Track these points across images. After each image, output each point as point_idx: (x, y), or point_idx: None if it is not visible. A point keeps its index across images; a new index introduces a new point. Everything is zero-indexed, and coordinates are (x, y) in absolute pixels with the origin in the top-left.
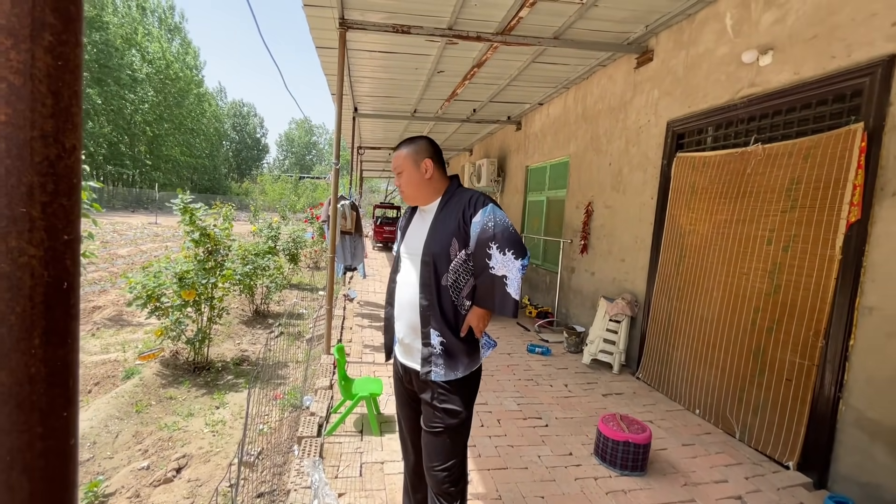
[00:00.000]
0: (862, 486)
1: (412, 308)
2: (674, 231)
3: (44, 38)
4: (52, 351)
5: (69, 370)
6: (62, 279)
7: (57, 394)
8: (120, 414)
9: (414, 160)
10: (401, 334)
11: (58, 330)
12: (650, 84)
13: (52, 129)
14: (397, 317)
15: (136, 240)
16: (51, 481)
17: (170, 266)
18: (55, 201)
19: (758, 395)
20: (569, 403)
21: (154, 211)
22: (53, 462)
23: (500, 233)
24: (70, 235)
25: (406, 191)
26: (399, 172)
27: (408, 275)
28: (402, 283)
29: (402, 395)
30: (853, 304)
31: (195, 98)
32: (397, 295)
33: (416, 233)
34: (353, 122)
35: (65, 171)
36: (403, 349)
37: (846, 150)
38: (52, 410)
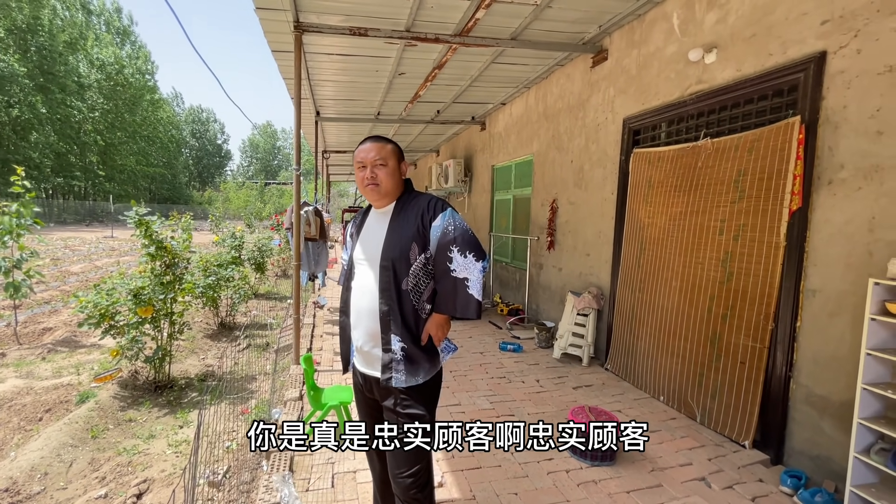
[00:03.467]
0: (814, 459)
1: (371, 315)
2: (634, 224)
3: None
4: None
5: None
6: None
7: None
8: (74, 441)
9: (398, 157)
10: (359, 342)
11: None
12: (606, 82)
13: None
14: (354, 325)
15: (90, 255)
16: None
17: (124, 283)
18: None
19: (715, 379)
20: (541, 398)
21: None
22: None
23: (460, 236)
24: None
25: (384, 183)
26: (383, 164)
27: (365, 280)
28: (360, 290)
29: (363, 405)
30: (798, 288)
31: (149, 104)
32: (353, 302)
33: (371, 237)
34: (315, 126)
35: None
36: (362, 357)
37: (786, 143)
38: None
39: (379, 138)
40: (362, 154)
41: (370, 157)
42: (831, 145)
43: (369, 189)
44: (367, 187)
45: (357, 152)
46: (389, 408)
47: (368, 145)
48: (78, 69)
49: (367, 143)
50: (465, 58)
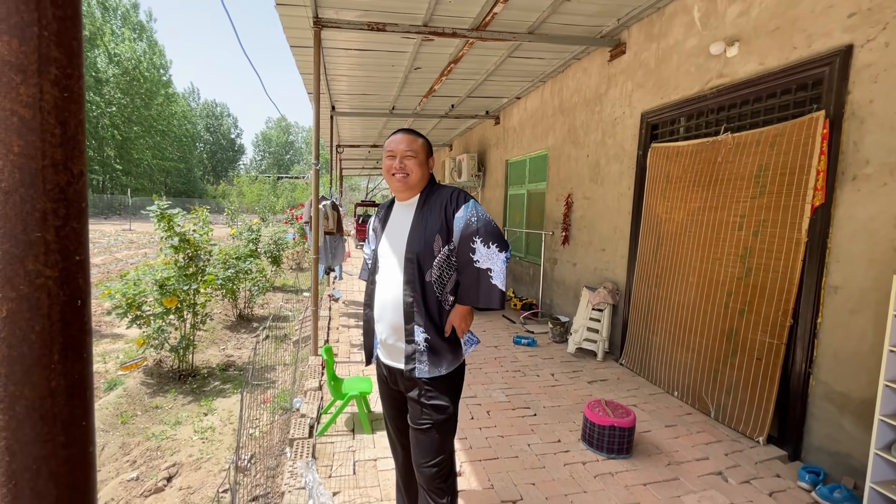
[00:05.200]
0: (832, 456)
1: (395, 307)
2: (651, 220)
3: (50, 73)
4: (70, 365)
5: (85, 382)
6: (76, 297)
7: (76, 405)
8: (105, 426)
9: (427, 152)
10: (383, 335)
11: (74, 345)
12: (623, 76)
13: (62, 157)
14: (378, 318)
15: (110, 247)
16: (74, 487)
17: (149, 273)
18: (67, 225)
19: (731, 376)
20: (556, 392)
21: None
22: (75, 469)
23: (483, 227)
24: (81, 256)
25: (413, 174)
26: (413, 155)
27: (389, 273)
28: (384, 283)
29: (387, 397)
30: (820, 284)
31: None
32: (378, 295)
33: (396, 230)
34: (330, 120)
35: (74, 197)
36: (386, 350)
37: (809, 138)
38: (72, 421)
39: (411, 131)
40: (394, 144)
41: (401, 148)
42: (856, 140)
43: (397, 178)
44: (395, 176)
45: (388, 142)
46: (414, 398)
47: (400, 136)
48: (96, 64)
49: (399, 134)
50: (481, 52)
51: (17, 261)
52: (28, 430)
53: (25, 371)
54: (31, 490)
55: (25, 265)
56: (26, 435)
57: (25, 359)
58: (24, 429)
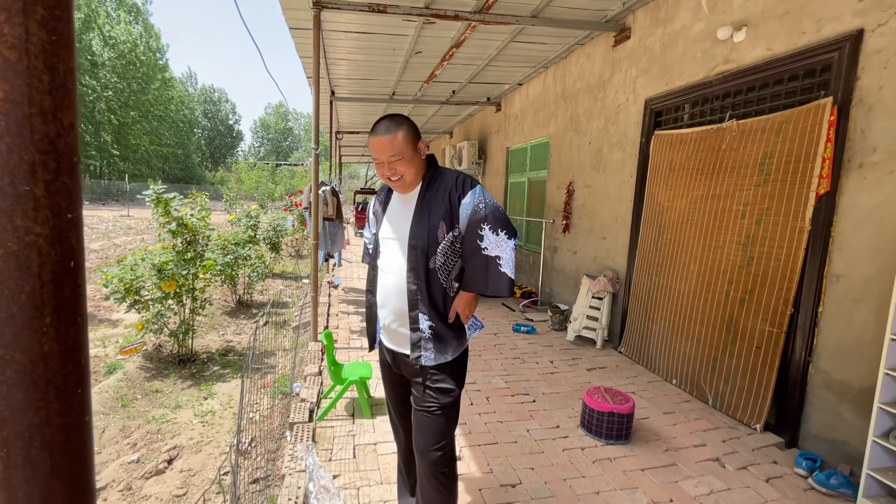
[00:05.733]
0: (830, 444)
1: (398, 294)
2: (652, 208)
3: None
4: (64, 329)
5: (80, 349)
6: (69, 258)
7: (70, 371)
8: (105, 409)
9: (413, 142)
10: (386, 321)
11: (67, 308)
12: (628, 62)
13: (51, 105)
14: (381, 304)
15: (108, 233)
16: (70, 457)
17: (147, 258)
18: (58, 179)
19: (729, 364)
20: (554, 379)
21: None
22: (72, 438)
23: (491, 213)
24: (73, 214)
25: (407, 174)
26: (399, 158)
27: (392, 260)
28: (387, 269)
29: (390, 381)
30: (822, 273)
31: (161, 83)
32: (380, 281)
33: (398, 216)
34: (330, 106)
35: (65, 149)
36: (390, 335)
37: (816, 125)
38: (66, 388)
39: (389, 127)
40: (376, 152)
41: (385, 156)
42: (864, 127)
43: (393, 182)
44: (390, 181)
45: (371, 145)
46: (420, 382)
47: (379, 141)
48: (91, 47)
49: (377, 137)
50: (483, 36)
51: (5, 215)
52: (20, 396)
53: (16, 333)
54: (24, 458)
55: (13, 220)
56: (18, 401)
57: (15, 320)
58: (15, 394)
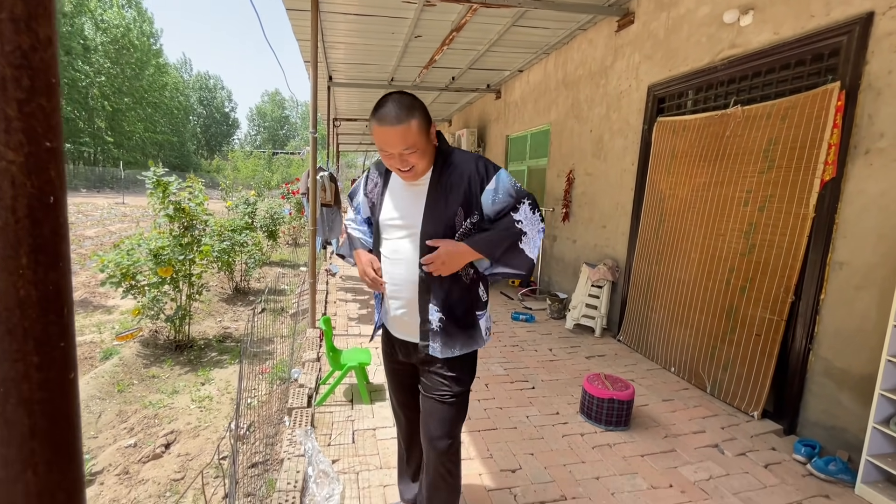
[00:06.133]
0: (828, 430)
1: (409, 283)
2: (654, 196)
3: None
4: (43, 273)
5: (62, 297)
6: (47, 192)
7: (51, 321)
8: (101, 394)
9: (427, 130)
10: (398, 311)
11: (47, 250)
12: (631, 48)
13: (23, 13)
14: (391, 294)
15: (103, 220)
16: (52, 416)
17: (143, 243)
18: (32, 100)
19: (728, 352)
20: (554, 366)
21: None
22: (54, 396)
23: (526, 196)
24: (52, 144)
25: (419, 166)
26: (413, 151)
27: (401, 249)
28: (394, 257)
29: (394, 372)
30: (825, 261)
31: (155, 69)
32: (387, 270)
33: (406, 202)
34: (328, 91)
35: (41, 66)
36: (398, 324)
37: (822, 110)
38: (47, 339)
39: (399, 114)
40: (385, 142)
41: (397, 150)
42: (871, 113)
43: (402, 173)
44: (400, 172)
45: (377, 134)
46: (430, 371)
47: (389, 132)
48: (83, 31)
49: (386, 127)
50: (484, 20)
51: None
52: None
53: None
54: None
55: None
56: None
57: None
58: None
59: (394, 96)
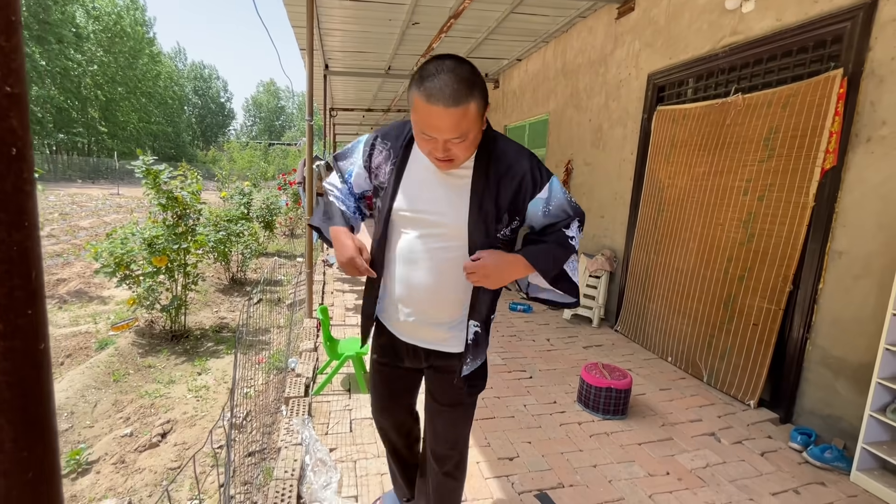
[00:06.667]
0: (824, 419)
1: (433, 292)
2: (653, 186)
3: None
4: (6, 233)
5: (30, 260)
6: (8, 143)
7: (16, 286)
8: (97, 384)
9: (483, 112)
10: (410, 317)
11: (10, 207)
12: (631, 35)
13: None
14: (402, 296)
15: (97, 211)
16: (18, 388)
17: (137, 232)
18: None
19: (725, 341)
20: (551, 356)
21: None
22: (20, 366)
23: (580, 213)
24: (14, 89)
25: (461, 157)
26: (462, 140)
27: (423, 250)
28: (411, 259)
29: (390, 378)
30: (824, 250)
31: (148, 58)
32: (401, 274)
33: (436, 193)
34: (324, 80)
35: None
36: (406, 329)
37: (824, 98)
38: (12, 306)
39: (458, 93)
40: (434, 126)
41: (445, 135)
42: (874, 100)
43: (439, 163)
44: (436, 160)
45: (420, 111)
46: (447, 376)
47: (443, 114)
48: (74, 18)
49: (441, 108)
50: (483, 6)
51: None
52: None
53: None
54: None
55: None
56: None
57: None
58: None
59: (449, 64)
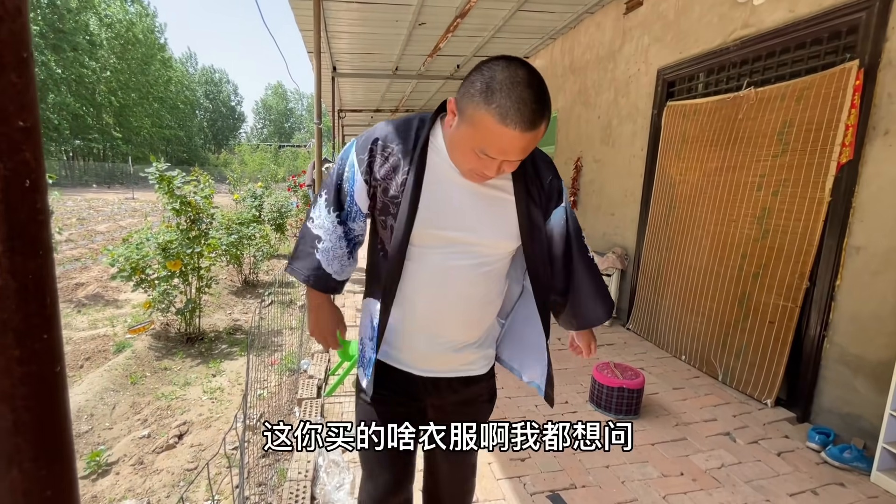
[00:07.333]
0: (843, 418)
1: (463, 317)
2: (664, 182)
3: None
4: (21, 262)
5: (45, 287)
6: (22, 175)
7: (32, 312)
8: (115, 386)
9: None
10: (431, 349)
11: (24, 237)
12: (640, 30)
13: None
14: (422, 327)
15: (113, 216)
16: (36, 411)
17: (152, 237)
18: (2, 77)
19: (741, 339)
20: (563, 356)
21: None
22: (37, 390)
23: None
24: (27, 122)
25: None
26: (520, 160)
27: (456, 269)
28: (441, 279)
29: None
30: (841, 245)
31: (160, 64)
32: (430, 298)
33: (468, 205)
34: (332, 82)
35: (10, 39)
36: (424, 358)
37: (840, 90)
38: (28, 332)
39: (540, 113)
40: (501, 148)
41: (515, 156)
42: (891, 92)
43: (477, 177)
44: (475, 175)
45: (489, 133)
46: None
47: (519, 136)
48: (88, 26)
49: (517, 131)
50: (489, 4)
51: None
52: None
53: None
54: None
55: None
56: None
57: None
58: None
59: (522, 74)
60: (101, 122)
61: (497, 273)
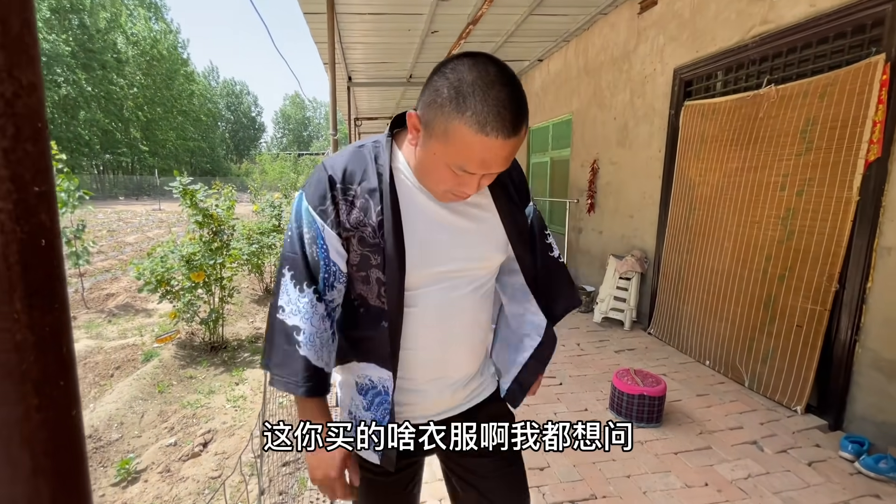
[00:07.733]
0: (878, 426)
1: (471, 339)
2: (683, 183)
3: None
4: (39, 317)
5: (60, 338)
6: (38, 236)
7: (49, 362)
8: (143, 395)
9: None
10: (439, 394)
11: (42, 293)
12: (655, 30)
13: (5, 63)
14: (439, 367)
15: (141, 227)
16: (53, 454)
17: (175, 249)
18: (18, 147)
19: (767, 344)
20: (582, 361)
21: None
22: (56, 435)
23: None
24: (42, 187)
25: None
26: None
27: (457, 299)
28: (448, 313)
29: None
30: (871, 246)
31: (183, 78)
32: (436, 339)
33: (450, 233)
34: (347, 91)
35: (25, 112)
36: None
37: (866, 85)
38: (45, 380)
39: (520, 117)
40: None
41: (494, 170)
42: None
43: (454, 197)
44: (451, 196)
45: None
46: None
47: (501, 144)
48: (115, 44)
49: (499, 140)
50: (501, 10)
51: None
52: None
53: None
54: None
55: None
56: None
57: None
58: None
59: (493, 72)
60: (129, 136)
61: (492, 289)
